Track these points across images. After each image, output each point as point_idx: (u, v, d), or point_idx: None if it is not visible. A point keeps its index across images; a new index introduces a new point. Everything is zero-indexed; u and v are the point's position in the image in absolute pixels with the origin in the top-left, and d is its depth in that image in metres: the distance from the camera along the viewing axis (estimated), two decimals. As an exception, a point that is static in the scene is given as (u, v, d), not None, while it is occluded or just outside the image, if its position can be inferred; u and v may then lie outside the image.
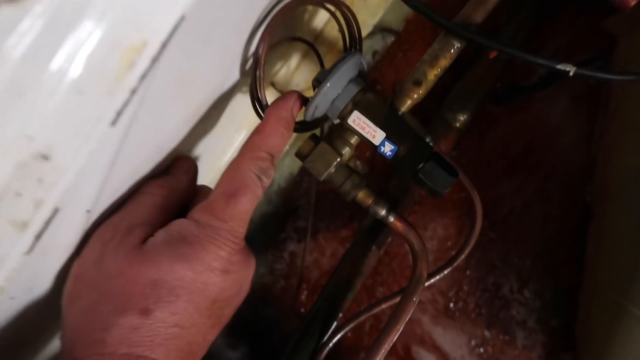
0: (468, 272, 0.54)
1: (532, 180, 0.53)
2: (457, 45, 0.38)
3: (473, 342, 0.55)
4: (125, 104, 0.21)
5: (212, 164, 0.54)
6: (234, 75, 0.42)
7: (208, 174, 0.53)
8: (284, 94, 0.37)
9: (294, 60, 0.55)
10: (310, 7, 0.50)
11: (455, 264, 0.43)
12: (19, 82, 0.22)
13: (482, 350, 0.54)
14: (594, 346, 0.47)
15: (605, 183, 0.49)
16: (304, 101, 0.38)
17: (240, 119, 0.52)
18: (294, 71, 0.55)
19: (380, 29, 0.55)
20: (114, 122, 0.21)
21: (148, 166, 0.38)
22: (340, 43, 0.45)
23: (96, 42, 0.21)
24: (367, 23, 0.55)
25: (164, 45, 0.21)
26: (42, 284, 0.34)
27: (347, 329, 0.45)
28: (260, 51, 0.37)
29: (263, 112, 0.41)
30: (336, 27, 0.55)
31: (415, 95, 0.39)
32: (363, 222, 0.52)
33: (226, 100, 0.45)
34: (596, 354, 0.46)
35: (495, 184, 0.53)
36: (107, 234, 0.33)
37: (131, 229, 0.33)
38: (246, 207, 0.33)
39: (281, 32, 0.45)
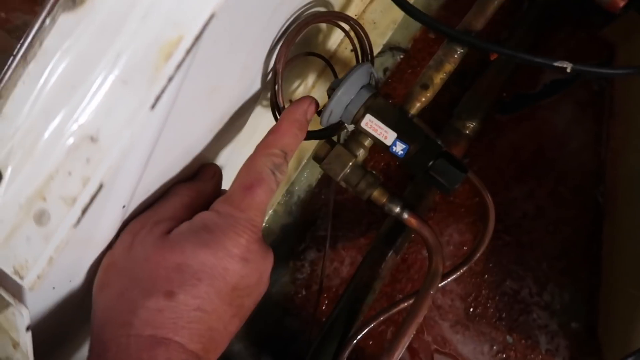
0: (486, 277, 0.55)
1: (543, 184, 0.54)
2: (460, 50, 0.41)
3: (495, 348, 0.55)
4: (163, 90, 0.25)
5: (235, 174, 0.57)
6: (256, 87, 0.45)
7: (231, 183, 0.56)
8: (299, 99, 0.40)
9: (311, 79, 0.59)
10: (324, 28, 0.54)
11: (472, 262, 0.45)
12: (73, 77, 0.26)
13: (504, 356, 0.54)
14: (617, 344, 0.47)
15: (616, 183, 0.51)
16: (318, 107, 0.41)
17: (262, 132, 0.55)
18: (311, 89, 0.59)
19: (390, 47, 0.59)
20: (153, 107, 0.25)
21: (176, 168, 0.41)
22: (354, 61, 0.49)
23: (140, 40, 0.25)
24: (377, 43, 0.59)
25: (197, 39, 0.24)
26: (80, 277, 0.37)
27: (367, 329, 0.46)
28: (279, 61, 0.41)
29: (281, 117, 0.44)
30: (349, 47, 0.59)
31: (424, 99, 0.42)
32: (380, 229, 0.54)
33: (248, 112, 0.48)
34: (619, 352, 0.46)
35: (507, 189, 0.55)
36: (136, 226, 0.35)
37: (158, 221, 0.35)
38: (262, 198, 0.35)
39: (298, 48, 0.49)
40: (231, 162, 0.52)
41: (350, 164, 0.42)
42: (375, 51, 0.60)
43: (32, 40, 0.26)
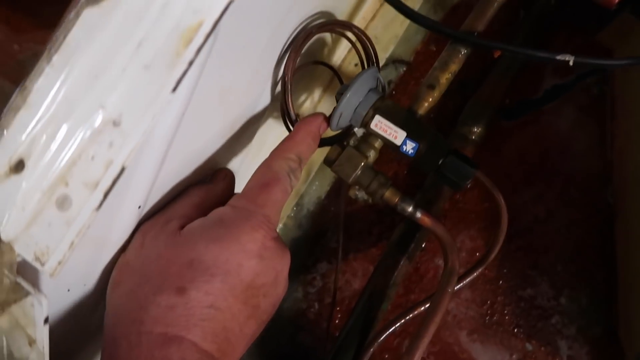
0: (501, 283, 0.55)
1: (552, 187, 0.54)
2: (463, 51, 0.42)
3: (515, 357, 0.53)
4: (184, 74, 0.25)
5: (244, 184, 0.58)
6: (265, 96, 0.46)
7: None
8: (313, 113, 0.41)
9: (317, 93, 0.60)
10: (329, 42, 0.55)
11: (488, 261, 0.44)
12: (96, 66, 0.26)
13: (525, 364, 0.53)
14: (638, 343, 0.46)
15: (624, 182, 0.51)
16: (329, 124, 0.42)
17: (270, 145, 0.56)
18: (317, 103, 0.60)
19: (393, 60, 0.61)
20: (174, 89, 0.25)
21: (189, 169, 0.41)
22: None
23: (161, 28, 0.26)
24: (380, 57, 0.60)
25: (216, 24, 0.25)
26: (94, 281, 0.37)
27: (384, 335, 0.45)
28: (288, 67, 0.42)
29: (292, 124, 0.45)
30: (354, 61, 0.60)
31: (431, 99, 0.43)
32: (391, 237, 0.53)
33: (258, 123, 0.49)
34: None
35: (516, 193, 0.55)
36: (148, 226, 0.35)
37: (169, 220, 0.35)
38: (278, 196, 0.35)
39: (305, 59, 0.50)
40: (241, 173, 0.53)
41: (362, 165, 0.42)
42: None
43: (57, 35, 0.27)
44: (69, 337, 0.37)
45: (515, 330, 0.54)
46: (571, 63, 0.38)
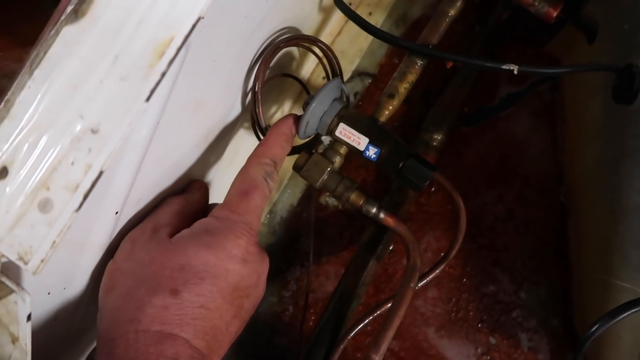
0: (465, 280, 0.58)
1: (510, 188, 0.58)
2: (419, 62, 0.45)
3: (480, 350, 0.56)
4: (157, 84, 0.28)
5: (219, 193, 0.60)
6: (237, 108, 0.49)
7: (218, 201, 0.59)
8: (284, 116, 0.44)
9: (287, 105, 0.63)
10: (297, 56, 0.58)
11: (450, 258, 0.47)
12: (75, 79, 0.29)
13: (489, 357, 0.56)
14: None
15: (574, 181, 0.55)
16: None
17: (243, 154, 0.58)
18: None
19: (359, 73, 0.64)
20: (148, 99, 0.28)
21: (166, 182, 0.43)
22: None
23: (136, 42, 0.28)
24: (347, 70, 0.64)
25: (186, 38, 0.28)
26: (75, 285, 0.38)
27: (354, 332, 0.48)
28: (258, 78, 0.45)
29: (262, 134, 0.48)
30: (321, 75, 0.63)
31: (391, 107, 0.46)
32: (361, 239, 0.56)
33: (231, 133, 0.52)
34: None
35: (478, 195, 0.59)
36: (135, 234, 0.38)
37: (157, 228, 0.38)
38: (258, 202, 0.38)
39: (275, 70, 0.53)
40: (215, 182, 0.55)
41: (328, 169, 0.45)
42: (345, 77, 0.64)
43: (38, 51, 0.29)
44: (49, 340, 0.38)
45: (480, 325, 0.57)
46: (516, 72, 0.42)
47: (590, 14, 0.49)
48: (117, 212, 0.37)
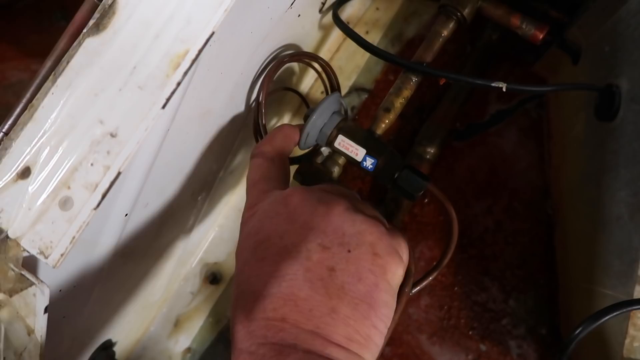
0: (456, 289, 0.60)
1: (499, 201, 0.61)
2: (414, 78, 0.48)
3: (470, 357, 0.58)
4: (172, 93, 0.30)
5: (219, 202, 0.62)
6: (240, 118, 0.51)
7: (223, 209, 0.61)
8: (279, 125, 0.46)
9: (287, 117, 0.65)
10: (298, 72, 0.61)
11: (443, 265, 0.49)
12: (96, 87, 0.31)
13: (479, 364, 0.58)
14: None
15: (560, 194, 0.58)
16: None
17: (245, 163, 0.61)
18: (287, 127, 0.65)
19: (355, 89, 0.67)
20: (164, 106, 0.30)
21: (171, 187, 0.45)
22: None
23: (153, 55, 0.30)
24: (344, 85, 0.66)
25: (200, 51, 0.30)
26: (84, 284, 0.40)
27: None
28: (262, 90, 0.47)
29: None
30: (320, 89, 0.66)
31: (387, 120, 0.48)
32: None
33: (233, 141, 0.54)
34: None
35: (468, 206, 0.61)
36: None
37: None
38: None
39: (277, 84, 0.56)
40: (214, 189, 0.57)
41: (327, 179, 0.47)
42: (343, 92, 0.67)
43: (61, 61, 0.31)
44: (57, 337, 0.40)
45: (470, 332, 0.59)
46: (504, 89, 0.45)
47: (574, 37, 0.52)
48: (126, 214, 0.39)
